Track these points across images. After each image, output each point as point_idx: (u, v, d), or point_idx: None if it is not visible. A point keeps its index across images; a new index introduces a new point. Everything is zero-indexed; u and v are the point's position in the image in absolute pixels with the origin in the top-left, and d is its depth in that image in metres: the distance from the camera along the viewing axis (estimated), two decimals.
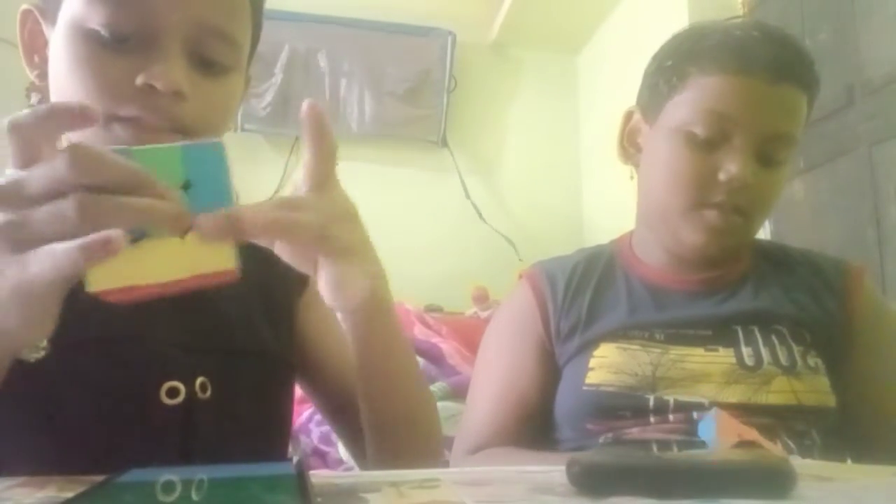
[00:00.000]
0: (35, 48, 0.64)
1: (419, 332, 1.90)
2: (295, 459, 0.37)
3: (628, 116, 0.90)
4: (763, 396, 0.74)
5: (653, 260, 0.88)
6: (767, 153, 0.77)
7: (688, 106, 0.79)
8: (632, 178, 0.89)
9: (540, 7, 2.60)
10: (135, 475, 0.35)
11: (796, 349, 0.77)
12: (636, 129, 0.88)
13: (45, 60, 0.61)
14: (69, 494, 0.32)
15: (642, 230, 0.90)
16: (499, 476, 0.43)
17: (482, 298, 2.44)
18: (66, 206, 0.37)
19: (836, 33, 1.71)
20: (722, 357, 0.77)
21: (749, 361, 0.76)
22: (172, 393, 0.55)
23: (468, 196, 2.76)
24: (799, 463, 0.39)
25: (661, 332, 0.80)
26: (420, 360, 1.71)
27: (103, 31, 0.54)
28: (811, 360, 0.77)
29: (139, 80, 0.54)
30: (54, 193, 0.37)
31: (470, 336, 2.01)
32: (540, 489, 0.38)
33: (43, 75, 0.62)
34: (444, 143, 2.80)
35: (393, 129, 2.76)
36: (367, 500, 0.35)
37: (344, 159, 0.49)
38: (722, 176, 0.76)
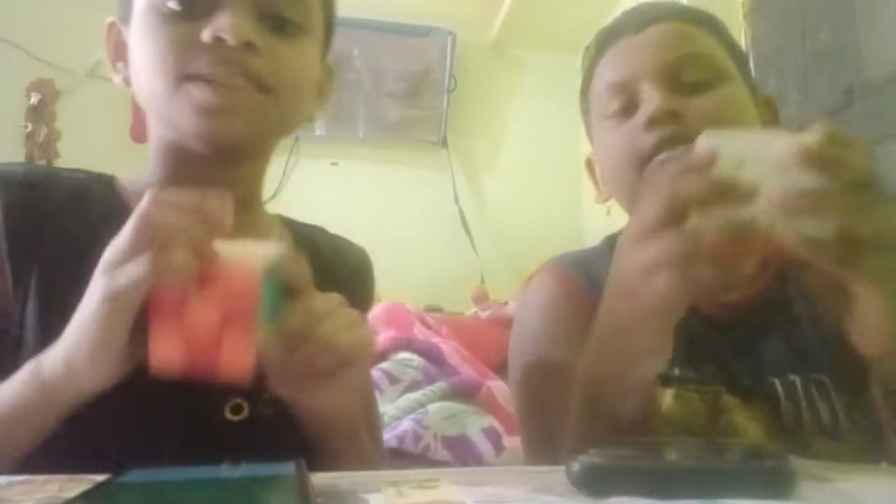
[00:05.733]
0: (119, 56, 0.65)
1: (419, 332, 1.89)
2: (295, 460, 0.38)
3: (590, 165, 0.87)
4: None
5: None
6: (683, 80, 0.71)
7: (594, 103, 0.79)
8: (608, 213, 0.86)
9: (540, 6, 2.60)
10: (136, 475, 0.35)
11: (839, 403, 0.68)
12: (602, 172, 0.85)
13: (127, 64, 0.63)
14: (70, 494, 0.32)
15: None
16: (498, 476, 0.43)
17: (482, 298, 2.44)
18: (141, 265, 0.41)
19: (836, 33, 1.71)
20: (760, 414, 0.69)
21: (789, 421, 0.68)
22: (236, 409, 0.55)
23: (457, 200, 2.75)
24: (798, 463, 0.39)
25: (694, 378, 0.70)
26: (420, 359, 1.71)
27: (171, 3, 0.56)
28: (856, 414, 0.68)
29: (206, 35, 0.55)
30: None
31: (470, 336, 2.01)
32: (540, 489, 0.38)
33: (127, 79, 0.64)
34: (445, 144, 2.80)
35: (393, 129, 2.76)
36: (366, 501, 0.35)
37: (345, 160, 0.50)
38: (641, 120, 0.70)
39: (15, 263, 0.56)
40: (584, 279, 0.77)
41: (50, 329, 0.50)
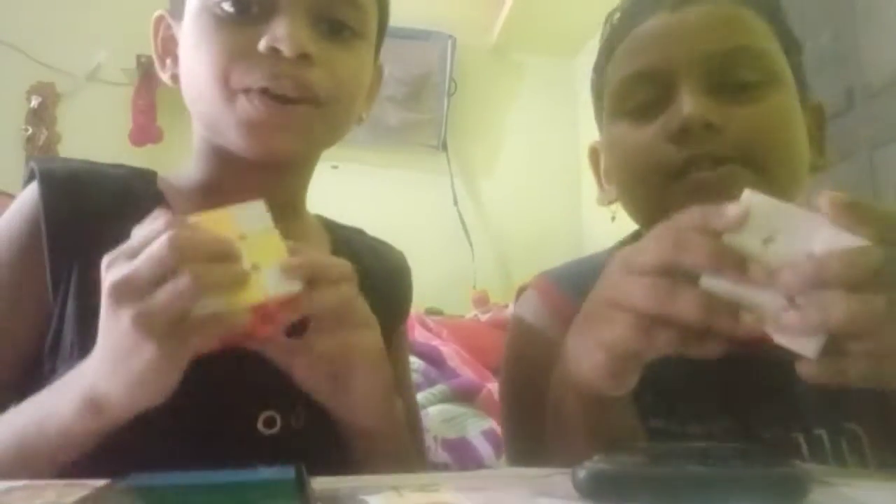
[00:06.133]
0: (167, 52, 0.63)
1: (419, 334, 1.89)
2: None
3: (595, 154, 0.75)
4: None
5: None
6: (725, 81, 0.59)
7: (610, 92, 0.65)
8: (614, 219, 0.75)
9: (540, 11, 2.60)
10: (135, 480, 0.35)
11: (873, 458, 0.59)
12: (609, 171, 0.73)
13: (176, 62, 0.61)
14: (68, 499, 0.32)
15: None
16: (499, 480, 0.43)
17: (482, 301, 2.44)
18: (183, 285, 0.40)
19: (836, 37, 1.71)
20: None
21: None
22: (269, 422, 0.54)
23: (455, 203, 2.75)
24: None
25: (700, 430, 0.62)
26: (420, 362, 1.71)
27: (226, 5, 0.54)
28: (891, 460, 0.60)
29: (262, 45, 0.53)
30: (163, 277, 0.40)
31: (470, 339, 2.01)
32: (542, 493, 0.38)
33: (175, 77, 0.62)
34: (444, 147, 2.80)
35: (393, 133, 2.76)
36: (366, 503, 0.35)
37: (345, 163, 0.50)
38: (672, 125, 0.57)
39: (55, 262, 0.55)
40: (571, 295, 0.69)
41: (88, 330, 0.50)
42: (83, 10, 2.42)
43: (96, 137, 2.32)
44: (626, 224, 0.77)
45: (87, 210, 0.57)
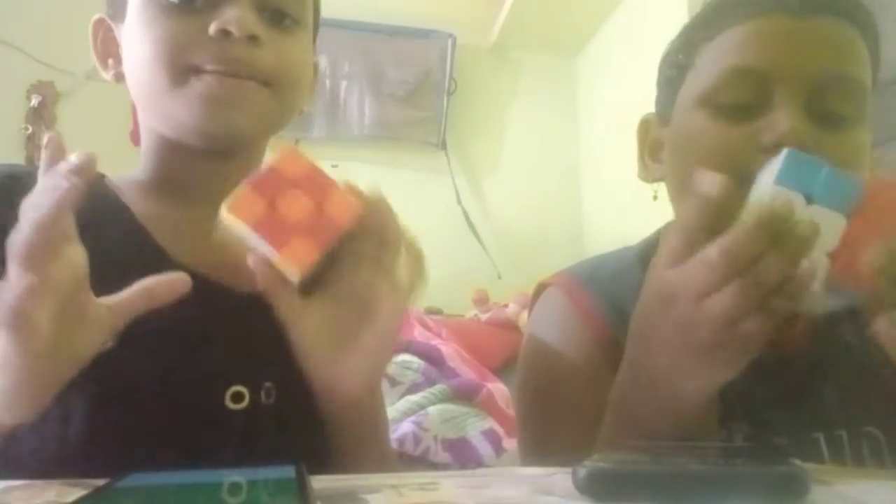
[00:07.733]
0: (108, 53, 0.65)
1: (419, 334, 1.89)
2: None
3: (645, 127, 0.73)
4: None
5: None
6: (822, 106, 0.59)
7: (703, 76, 0.63)
8: (655, 198, 0.73)
9: (539, 10, 2.60)
10: (136, 479, 0.35)
11: (890, 460, 0.60)
12: (657, 140, 0.71)
13: (118, 61, 0.63)
14: (69, 499, 0.32)
15: None
16: (499, 478, 0.43)
17: (482, 301, 2.44)
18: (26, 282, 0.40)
19: None
20: None
21: None
22: (237, 397, 0.54)
23: (459, 201, 2.76)
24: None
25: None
26: (420, 362, 1.71)
27: None
28: None
29: (212, 28, 0.56)
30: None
31: (470, 338, 2.01)
32: (542, 492, 0.38)
33: (119, 75, 0.64)
34: (444, 146, 2.80)
35: (393, 131, 2.76)
36: (367, 502, 0.35)
37: (345, 161, 0.50)
38: (767, 138, 0.57)
39: None
40: (602, 300, 0.68)
41: None
42: (83, 9, 2.41)
43: (96, 136, 2.31)
44: (655, 209, 0.74)
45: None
